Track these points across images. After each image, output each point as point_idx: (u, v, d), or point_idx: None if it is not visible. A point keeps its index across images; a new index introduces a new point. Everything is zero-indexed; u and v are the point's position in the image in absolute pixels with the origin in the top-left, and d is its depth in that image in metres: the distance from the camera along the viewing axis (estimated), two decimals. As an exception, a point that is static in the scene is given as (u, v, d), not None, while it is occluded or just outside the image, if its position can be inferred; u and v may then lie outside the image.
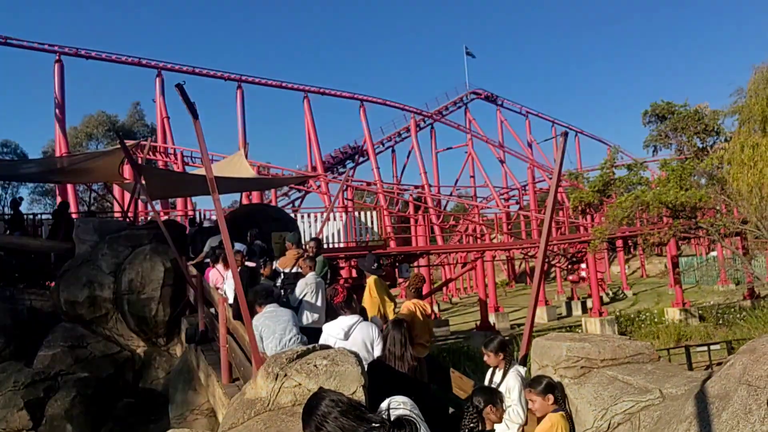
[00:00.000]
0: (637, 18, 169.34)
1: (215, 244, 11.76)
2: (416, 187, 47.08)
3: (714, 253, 42.14)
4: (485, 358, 5.03)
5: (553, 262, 34.18)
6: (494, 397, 4.55)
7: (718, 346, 18.32)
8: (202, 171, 15.07)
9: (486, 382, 5.17)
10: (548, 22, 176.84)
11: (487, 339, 4.93)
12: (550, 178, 46.81)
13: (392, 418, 1.96)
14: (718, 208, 23.67)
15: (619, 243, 33.25)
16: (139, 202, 17.74)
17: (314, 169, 40.44)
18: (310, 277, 7.96)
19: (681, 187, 21.57)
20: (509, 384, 4.93)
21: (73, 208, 28.72)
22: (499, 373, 5.10)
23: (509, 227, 41.53)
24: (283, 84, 40.87)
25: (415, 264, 25.51)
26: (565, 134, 6.13)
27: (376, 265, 7.93)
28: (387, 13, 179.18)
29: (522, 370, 5.12)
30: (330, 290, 6.01)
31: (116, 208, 24.81)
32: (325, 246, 19.63)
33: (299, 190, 44.66)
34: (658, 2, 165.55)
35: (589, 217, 35.42)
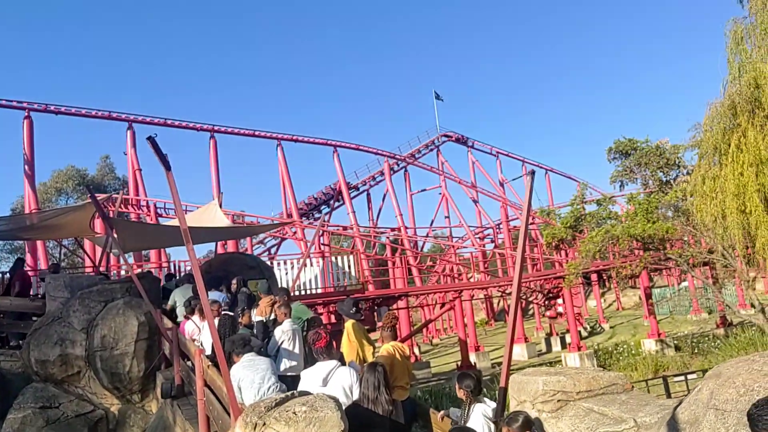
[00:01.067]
0: (600, 60, 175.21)
1: (182, 294, 11.68)
2: (392, 229, 47.23)
3: (685, 284, 42.81)
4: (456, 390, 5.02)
5: (530, 299, 34.38)
6: None
7: (694, 375, 18.48)
8: (176, 222, 15.01)
9: (462, 418, 5.18)
10: (515, 65, 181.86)
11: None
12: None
13: None
14: (685, 239, 24.22)
15: (594, 277, 33.72)
16: (112, 255, 17.53)
17: (290, 215, 40.41)
18: (287, 324, 7.92)
19: (648, 220, 22.07)
20: (474, 424, 4.97)
21: (43, 265, 28.18)
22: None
23: (486, 266, 41.77)
24: (256, 132, 41.10)
25: (395, 306, 25.44)
26: (532, 173, 6.33)
27: (354, 309, 7.93)
28: (356, 62, 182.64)
29: (489, 410, 5.12)
30: (313, 334, 6.00)
31: (87, 263, 24.44)
32: (303, 292, 19.50)
33: (275, 238, 44.48)
34: (618, 46, 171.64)
35: (563, 252, 35.87)
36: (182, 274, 18.14)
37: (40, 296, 15.54)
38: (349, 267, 21.19)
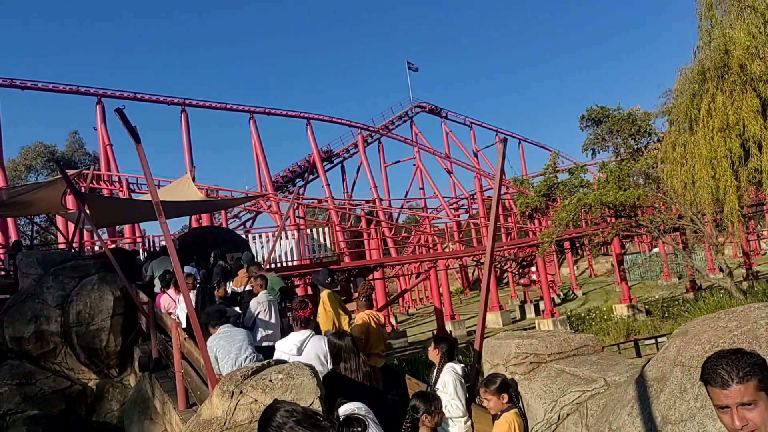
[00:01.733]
0: (574, 30, 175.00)
1: (159, 265, 11.59)
2: (367, 201, 47.22)
3: (656, 250, 43.62)
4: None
5: (504, 267, 34.78)
6: (430, 404, 4.42)
7: (664, 338, 18.95)
8: (148, 196, 14.80)
9: (432, 380, 5.25)
10: (488, 35, 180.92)
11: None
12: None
13: (341, 419, 2.00)
14: (656, 205, 24.60)
15: (567, 245, 34.12)
16: (85, 231, 17.26)
17: (264, 189, 40.12)
18: (262, 295, 7.92)
19: (620, 188, 22.36)
20: (444, 379, 5.05)
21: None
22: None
23: (460, 236, 42.06)
24: (228, 106, 40.50)
25: (370, 277, 25.55)
26: (504, 140, 6.34)
27: (329, 279, 7.95)
28: (328, 33, 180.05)
29: (458, 366, 5.22)
30: (299, 303, 5.97)
31: (60, 239, 24.05)
32: (279, 264, 19.49)
33: (250, 212, 44.20)
34: (594, 17, 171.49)
35: (536, 221, 36.27)
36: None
37: (11, 274, 15.30)
38: (325, 239, 21.19)
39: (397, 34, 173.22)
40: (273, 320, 7.66)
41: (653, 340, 18.61)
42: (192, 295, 8.85)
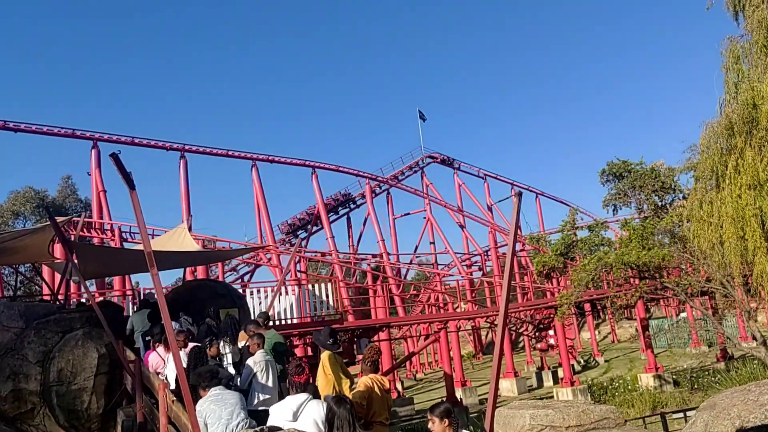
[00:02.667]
0: (591, 84, 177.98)
1: (140, 318, 11.55)
2: (374, 256, 47.25)
3: (684, 315, 43.11)
4: (429, 424, 5.03)
5: (520, 330, 34.40)
6: None
7: (694, 412, 18.51)
8: (141, 246, 14.88)
9: None
10: (505, 87, 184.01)
11: (434, 404, 5.05)
12: (513, 242, 47.35)
13: None
14: (683, 266, 24.43)
15: (587, 307, 33.87)
16: (72, 282, 17.27)
17: (264, 241, 40.27)
18: (259, 355, 7.86)
19: (643, 247, 22.28)
20: None
21: (-3, 293, 27.70)
22: None
23: (473, 295, 41.79)
24: (230, 152, 41.07)
25: (376, 338, 25.30)
26: (519, 194, 6.40)
27: (331, 339, 7.88)
28: (336, 79, 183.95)
29: None
30: (295, 367, 5.91)
31: (45, 291, 24.05)
32: (278, 322, 19.34)
33: (248, 264, 44.23)
34: (612, 69, 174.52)
35: (554, 281, 36.03)
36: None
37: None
38: (327, 296, 21.11)
39: (409, 83, 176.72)
40: (270, 383, 7.58)
41: (682, 414, 18.17)
42: (183, 354, 8.78)
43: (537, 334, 33.67)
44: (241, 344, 9.70)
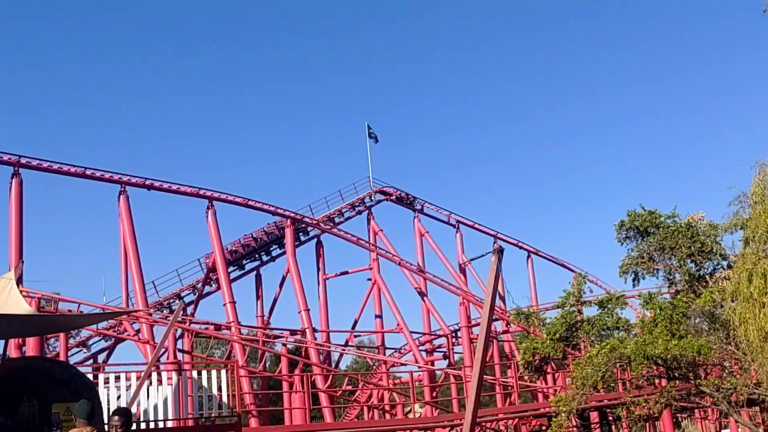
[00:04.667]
0: (597, 116, 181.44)
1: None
2: (293, 332, 46.81)
3: (727, 431, 43.83)
4: None
5: (498, 448, 34.42)
6: None
7: None
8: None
9: None
10: (490, 116, 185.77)
11: None
12: (494, 319, 47.80)
13: None
14: (726, 364, 24.98)
15: (594, 416, 34.09)
16: None
17: (132, 303, 39.64)
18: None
19: (673, 334, 22.72)
20: None
21: None
22: None
23: (434, 394, 41.73)
24: (87, 172, 40.43)
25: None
26: (500, 250, 6.59)
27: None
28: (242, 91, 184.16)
29: None
30: None
31: None
32: (143, 425, 18.96)
33: (107, 338, 43.27)
34: (635, 101, 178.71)
35: (549, 377, 36.34)
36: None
37: None
38: (221, 388, 20.85)
39: (359, 98, 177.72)
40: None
41: None
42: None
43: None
44: None
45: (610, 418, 33.62)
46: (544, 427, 30.06)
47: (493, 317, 43.18)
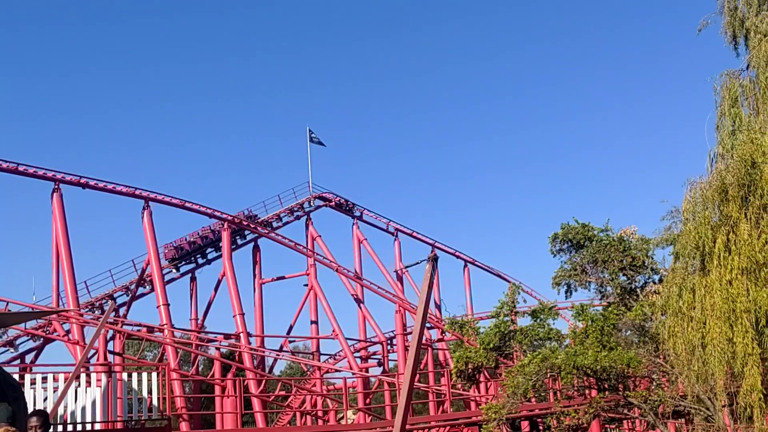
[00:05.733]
0: (538, 123, 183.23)
1: None
2: (227, 336, 46.44)
3: (656, 443, 44.54)
4: None
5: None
6: None
7: None
8: None
9: None
10: (432, 124, 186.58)
11: None
12: (428, 327, 47.93)
13: None
14: (654, 376, 25.41)
15: (525, 426, 34.44)
16: None
17: (62, 302, 38.95)
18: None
19: (604, 345, 23.04)
20: None
21: None
22: None
23: (367, 401, 41.76)
24: (20, 168, 39.71)
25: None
26: (435, 258, 6.61)
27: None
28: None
29: None
30: None
31: None
32: (70, 427, 18.63)
33: (35, 338, 42.48)
34: (564, 109, 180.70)
35: (482, 386, 36.57)
36: None
37: None
38: (151, 391, 20.61)
39: (300, 98, 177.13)
40: None
41: None
42: None
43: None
44: None
45: (541, 427, 33.93)
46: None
47: (428, 325, 43.59)
